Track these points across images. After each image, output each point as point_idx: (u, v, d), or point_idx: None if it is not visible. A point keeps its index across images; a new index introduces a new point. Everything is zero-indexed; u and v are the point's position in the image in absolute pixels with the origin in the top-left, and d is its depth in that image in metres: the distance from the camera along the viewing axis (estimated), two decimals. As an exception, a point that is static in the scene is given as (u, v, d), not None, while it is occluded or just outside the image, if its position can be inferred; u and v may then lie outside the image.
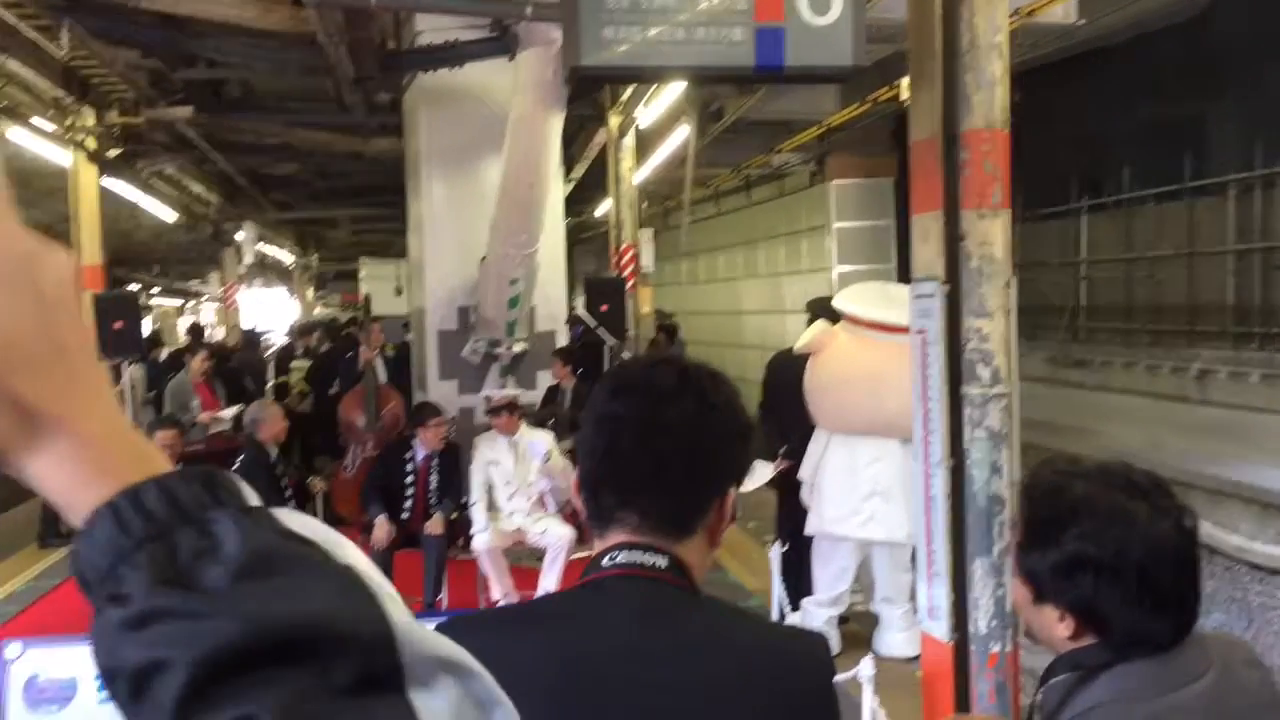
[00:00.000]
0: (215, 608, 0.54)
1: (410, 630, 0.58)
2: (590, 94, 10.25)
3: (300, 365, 13.05)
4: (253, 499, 0.60)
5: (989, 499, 4.07)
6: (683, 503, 1.32)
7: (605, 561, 1.31)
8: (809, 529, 5.89)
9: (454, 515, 7.31)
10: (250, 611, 0.53)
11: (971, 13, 3.97)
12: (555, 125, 7.43)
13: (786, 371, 6.19)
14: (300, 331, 15.61)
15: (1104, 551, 1.52)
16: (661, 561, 1.29)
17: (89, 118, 9.40)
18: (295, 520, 0.60)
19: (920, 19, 4.19)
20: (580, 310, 10.47)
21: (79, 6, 7.45)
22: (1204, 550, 9.80)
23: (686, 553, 1.32)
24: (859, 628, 6.55)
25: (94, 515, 0.57)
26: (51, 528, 8.98)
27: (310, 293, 33.99)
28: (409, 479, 7.27)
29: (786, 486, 6.41)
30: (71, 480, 0.59)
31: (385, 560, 6.93)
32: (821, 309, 6.30)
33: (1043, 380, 14.64)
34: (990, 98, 3.98)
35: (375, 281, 24.64)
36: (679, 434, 1.30)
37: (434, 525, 6.99)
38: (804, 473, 6.00)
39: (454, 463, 7.48)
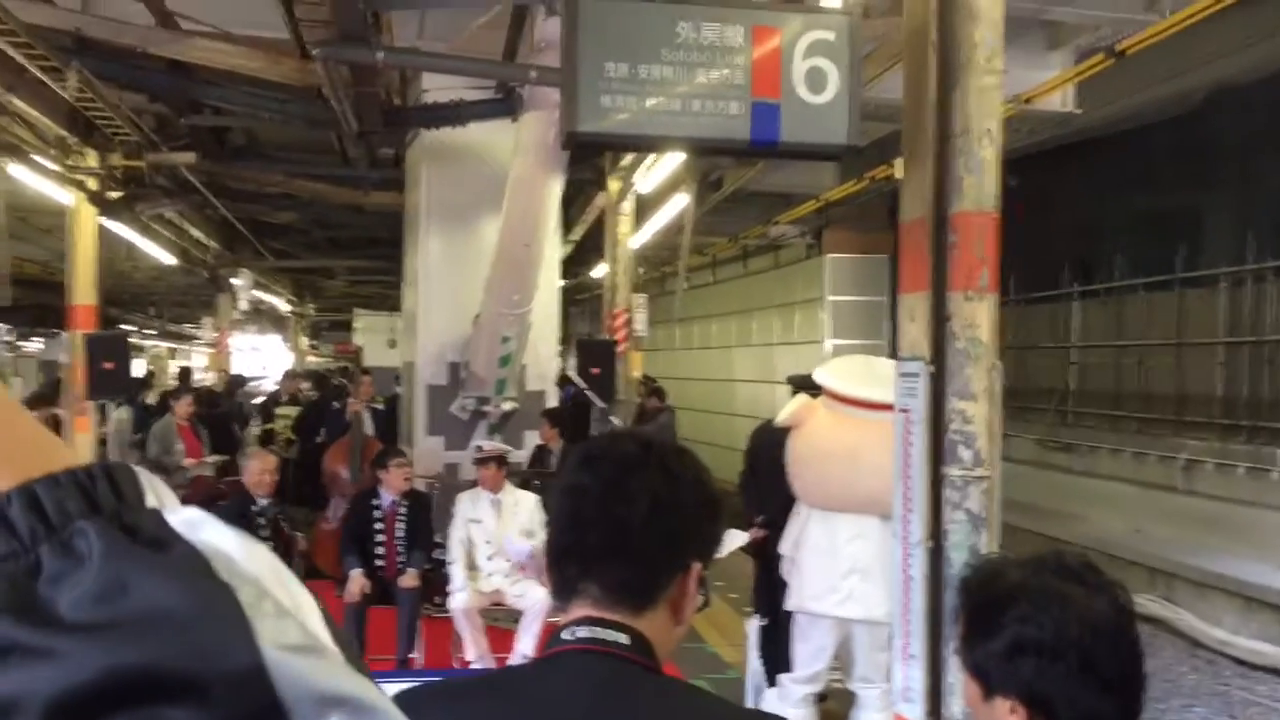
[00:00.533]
0: (66, 643, 0.49)
1: (289, 662, 0.51)
2: (589, 158, 10.35)
3: (286, 413, 13.01)
4: (151, 497, 0.56)
5: (956, 589, 4.03)
6: (645, 573, 1.32)
7: (566, 635, 1.30)
8: (788, 605, 5.84)
9: (428, 568, 7.24)
10: (102, 647, 0.49)
11: (965, 98, 4.02)
12: (554, 187, 7.49)
13: (769, 442, 6.18)
14: (287, 379, 15.60)
15: (1043, 632, 1.52)
16: (623, 638, 1.28)
17: (92, 159, 9.45)
18: (189, 522, 0.55)
19: (914, 102, 4.24)
20: (571, 372, 10.47)
21: (88, 49, 7.52)
22: (1187, 643, 9.71)
23: (650, 628, 1.31)
24: (836, 706, 6.47)
25: None
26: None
27: (304, 341, 34.00)
28: (377, 525, 7.21)
29: (764, 558, 6.37)
30: None
31: (359, 615, 6.86)
32: (802, 383, 6.30)
33: (1029, 463, 14.65)
34: (981, 181, 4.02)
35: (369, 333, 24.69)
36: (641, 503, 1.30)
37: (408, 579, 6.93)
38: (784, 547, 5.96)
39: (423, 510, 7.44)
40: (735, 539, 6.79)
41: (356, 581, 6.86)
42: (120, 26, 7.55)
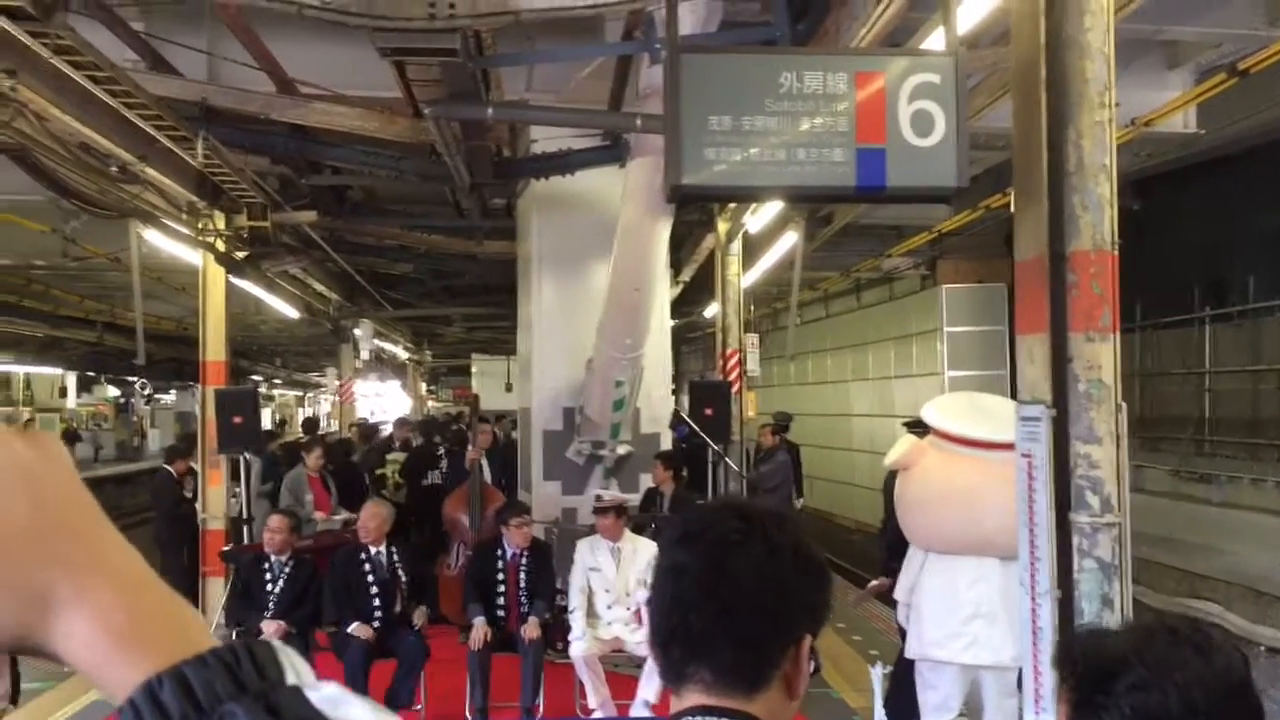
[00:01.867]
0: None
1: None
2: (695, 203, 10.38)
3: (396, 458, 13.31)
4: (291, 675, 0.59)
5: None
6: (755, 654, 1.29)
7: None
8: (909, 652, 5.70)
9: (548, 616, 7.28)
10: None
11: (1078, 134, 3.92)
12: (663, 231, 7.53)
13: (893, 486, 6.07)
14: (398, 426, 15.96)
15: (1167, 700, 1.39)
16: None
17: (220, 221, 9.84)
18: (330, 700, 0.58)
19: (1026, 139, 4.15)
20: (684, 414, 10.47)
21: (214, 118, 7.86)
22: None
23: (765, 709, 1.28)
24: (966, 754, 6.29)
25: (119, 712, 0.57)
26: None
27: (423, 387, 34.70)
28: (500, 576, 7.28)
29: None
30: (98, 656, 0.59)
31: (484, 663, 6.93)
32: (919, 426, 6.19)
33: (1165, 494, 14.09)
34: (1098, 219, 3.91)
35: (486, 378, 25.06)
36: (745, 582, 1.28)
37: (530, 629, 6.97)
38: (899, 593, 5.83)
39: (544, 560, 7.49)
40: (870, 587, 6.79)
41: (480, 629, 6.93)
42: (243, 95, 7.86)
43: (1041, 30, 4.02)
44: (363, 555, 7.11)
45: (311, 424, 18.16)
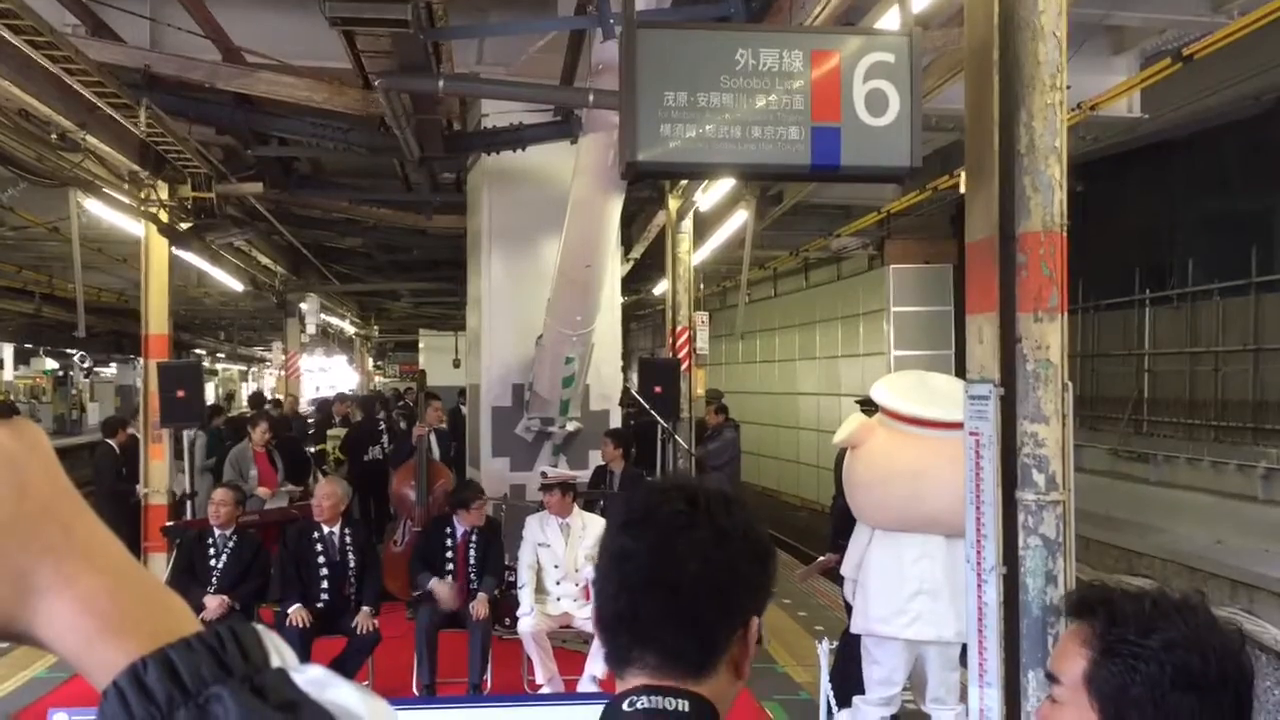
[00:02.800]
0: None
1: None
2: (649, 180, 10.37)
3: (336, 434, 13.22)
4: (276, 658, 0.59)
5: (1044, 609, 3.96)
6: (701, 638, 1.27)
7: (625, 706, 1.26)
8: (854, 628, 5.77)
9: (496, 593, 7.27)
10: None
11: (1030, 116, 3.96)
12: (614, 208, 7.50)
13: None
14: (338, 401, 15.87)
15: (1208, 667, 1.36)
16: (683, 705, 1.24)
17: (163, 191, 9.65)
18: (316, 681, 0.59)
19: (978, 120, 4.18)
20: (633, 391, 10.48)
21: (157, 86, 7.70)
22: (1272, 657, 9.42)
23: (712, 690, 1.27)
24: (909, 728, 6.39)
25: (103, 695, 0.57)
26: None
27: (370, 362, 34.41)
28: (449, 554, 7.26)
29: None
30: (81, 641, 0.59)
31: (430, 639, 6.91)
32: (871, 405, 6.25)
33: (1104, 474, 14.38)
34: (1049, 200, 3.95)
35: (434, 353, 24.93)
36: (691, 569, 1.26)
37: (479, 607, 6.96)
38: (846, 569, 5.90)
39: (493, 537, 7.47)
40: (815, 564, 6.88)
41: (443, 586, 6.98)
42: (188, 63, 7.72)
43: (995, 12, 4.05)
44: (315, 534, 7.05)
45: (259, 398, 17.95)
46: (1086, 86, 8.98)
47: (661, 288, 14.42)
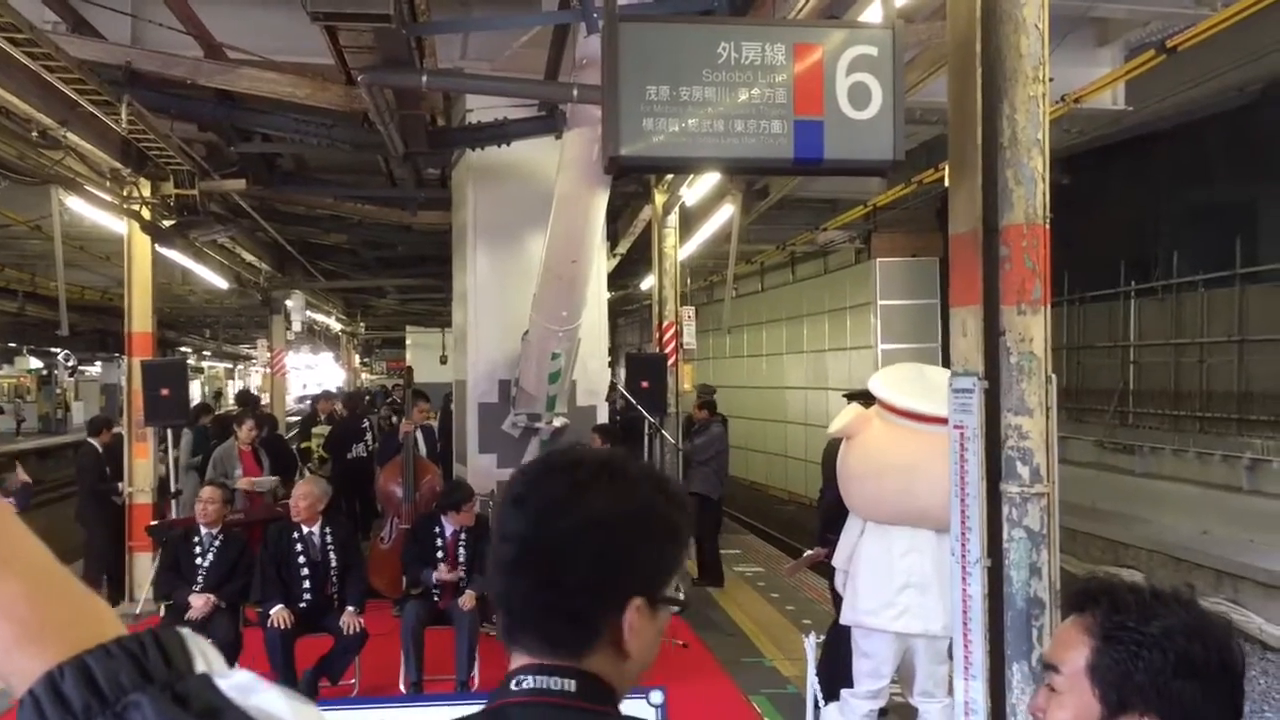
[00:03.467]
0: None
1: None
2: (633, 174, 10.35)
3: (321, 431, 13.18)
4: (201, 663, 0.58)
5: (1028, 601, 3.96)
6: (574, 622, 1.24)
7: (513, 685, 1.24)
8: (844, 619, 5.77)
9: (485, 591, 7.25)
10: None
11: (1013, 109, 3.96)
12: (599, 203, 7.48)
13: (835, 456, 6.11)
14: (323, 399, 15.82)
15: (1209, 655, 1.38)
16: (570, 684, 1.22)
17: (145, 188, 9.61)
18: (241, 687, 0.57)
19: (961, 113, 4.18)
20: (620, 386, 10.47)
21: (138, 82, 7.65)
22: (1256, 646, 9.48)
23: (602, 666, 1.24)
24: (897, 720, 6.41)
25: (19, 704, 0.56)
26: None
27: (357, 359, 34.31)
28: (439, 554, 7.24)
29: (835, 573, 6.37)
30: None
31: (417, 636, 6.90)
32: (859, 398, 6.24)
33: (1090, 465, 14.43)
34: (1031, 193, 3.95)
35: (420, 350, 24.87)
36: (565, 547, 1.23)
37: (466, 601, 6.95)
38: (838, 560, 5.91)
39: (483, 535, 7.44)
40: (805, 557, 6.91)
41: (442, 573, 7.04)
42: (169, 59, 7.66)
43: (977, 5, 4.05)
44: (295, 534, 7.02)
45: (246, 396, 17.88)
46: (1071, 79, 8.99)
47: (648, 283, 14.41)
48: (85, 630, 0.58)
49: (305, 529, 7.03)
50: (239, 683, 0.57)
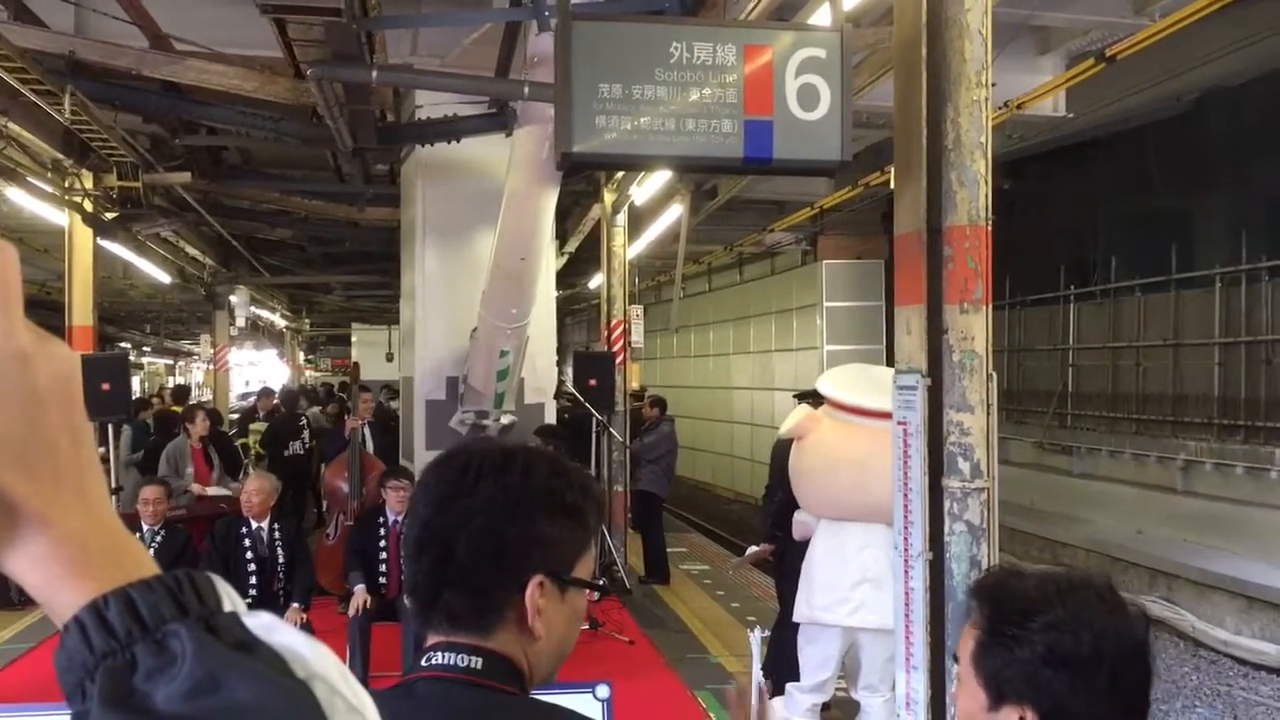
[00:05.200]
0: None
1: None
2: (584, 172, 10.37)
3: (259, 428, 13.08)
4: (227, 602, 0.62)
5: (968, 594, 4.05)
6: (475, 600, 1.29)
7: (424, 663, 1.30)
8: (797, 616, 5.84)
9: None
10: None
11: (957, 112, 4.05)
12: (549, 201, 7.50)
13: (785, 455, 6.19)
14: (262, 396, 15.70)
15: (1080, 646, 1.46)
16: (475, 662, 1.27)
17: (87, 180, 9.46)
18: (265, 626, 0.61)
19: (906, 116, 4.27)
20: (569, 384, 10.48)
21: (82, 72, 7.54)
22: (1189, 643, 9.72)
23: (502, 644, 1.29)
24: (841, 715, 6.49)
25: (64, 629, 0.59)
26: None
27: (301, 356, 33.95)
28: (382, 544, 7.23)
29: (782, 570, 6.43)
30: (47, 579, 0.60)
31: (363, 632, 6.87)
32: (808, 398, 6.34)
33: (1029, 466, 14.68)
34: (974, 195, 4.04)
35: (367, 347, 24.67)
36: (462, 530, 1.28)
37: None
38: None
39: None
40: (749, 553, 6.98)
41: (360, 597, 6.88)
42: (114, 49, 7.56)
43: (923, 10, 4.13)
44: (243, 529, 6.95)
45: (182, 392, 17.64)
46: (1013, 86, 9.16)
47: (596, 281, 14.44)
48: (126, 568, 0.61)
49: (254, 524, 6.97)
50: (263, 622, 0.62)
